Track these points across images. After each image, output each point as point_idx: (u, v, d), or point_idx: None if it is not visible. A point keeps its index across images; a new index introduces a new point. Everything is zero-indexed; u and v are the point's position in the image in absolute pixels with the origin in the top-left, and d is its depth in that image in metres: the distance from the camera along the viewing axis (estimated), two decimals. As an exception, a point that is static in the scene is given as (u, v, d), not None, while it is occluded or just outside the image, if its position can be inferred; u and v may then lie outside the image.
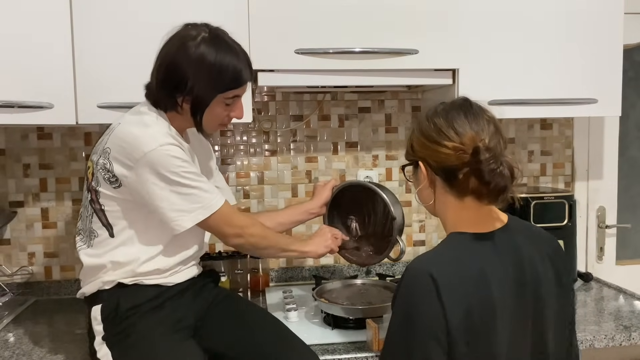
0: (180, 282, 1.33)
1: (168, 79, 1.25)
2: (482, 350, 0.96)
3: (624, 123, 2.27)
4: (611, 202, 2.24)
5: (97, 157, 1.26)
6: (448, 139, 1.01)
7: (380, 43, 1.64)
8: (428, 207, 1.12)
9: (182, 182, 1.22)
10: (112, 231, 1.28)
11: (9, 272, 1.90)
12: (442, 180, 1.05)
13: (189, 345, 1.28)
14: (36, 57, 1.50)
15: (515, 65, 1.74)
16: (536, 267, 1.04)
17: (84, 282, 1.32)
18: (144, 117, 1.26)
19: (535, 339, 1.03)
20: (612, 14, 1.78)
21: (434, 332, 0.94)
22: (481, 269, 0.99)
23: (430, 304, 0.94)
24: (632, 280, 2.08)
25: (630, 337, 1.50)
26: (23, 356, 1.42)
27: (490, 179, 0.97)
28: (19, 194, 1.91)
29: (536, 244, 1.08)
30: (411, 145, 1.11)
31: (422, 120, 1.09)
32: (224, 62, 1.25)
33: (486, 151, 0.97)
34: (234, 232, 1.31)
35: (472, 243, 1.03)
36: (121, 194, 1.24)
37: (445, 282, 0.95)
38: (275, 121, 2.03)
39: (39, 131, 1.90)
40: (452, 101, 1.09)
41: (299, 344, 1.33)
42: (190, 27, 1.28)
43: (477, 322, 0.95)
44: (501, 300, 0.97)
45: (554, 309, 1.05)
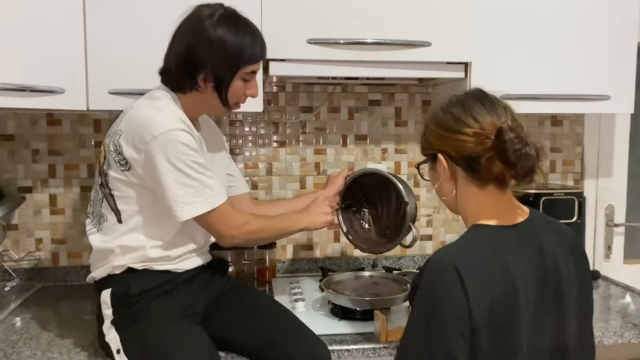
0: (189, 269, 1.33)
1: (188, 61, 1.25)
2: (504, 343, 0.95)
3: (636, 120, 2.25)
4: (620, 200, 2.23)
5: (109, 140, 1.26)
6: (467, 125, 1.00)
7: (392, 34, 1.63)
8: (449, 202, 1.10)
9: (186, 171, 1.21)
10: (120, 217, 1.28)
11: (17, 257, 1.90)
12: (463, 170, 1.03)
13: (197, 332, 1.28)
14: (48, 42, 1.49)
15: (528, 60, 1.73)
16: (558, 262, 1.02)
17: (94, 267, 1.32)
18: (158, 102, 1.26)
19: (555, 332, 1.02)
20: (627, 10, 1.77)
21: (458, 325, 0.92)
22: (505, 262, 0.97)
23: (454, 297, 0.92)
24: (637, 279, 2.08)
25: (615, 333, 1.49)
26: (31, 340, 1.42)
27: (515, 160, 0.95)
28: (27, 179, 1.91)
29: (558, 238, 1.07)
30: (427, 139, 1.10)
31: (437, 113, 1.09)
32: (242, 40, 1.27)
33: (510, 131, 0.96)
34: (229, 234, 1.29)
35: (495, 235, 1.02)
36: (130, 177, 1.24)
37: (469, 274, 0.93)
38: (284, 112, 2.03)
39: (48, 117, 1.90)
40: (466, 92, 1.08)
41: (308, 332, 1.33)
42: (204, 7, 1.29)
43: (500, 316, 0.94)
44: (525, 294, 0.96)
45: (574, 303, 1.04)
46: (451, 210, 1.13)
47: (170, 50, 1.29)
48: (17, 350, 1.36)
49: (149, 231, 1.28)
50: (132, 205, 1.27)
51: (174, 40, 1.29)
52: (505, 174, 0.99)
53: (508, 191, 1.04)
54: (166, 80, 1.30)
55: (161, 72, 1.32)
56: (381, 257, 2.08)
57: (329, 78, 1.89)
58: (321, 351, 1.29)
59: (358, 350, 1.38)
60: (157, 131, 1.19)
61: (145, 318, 1.24)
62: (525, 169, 0.96)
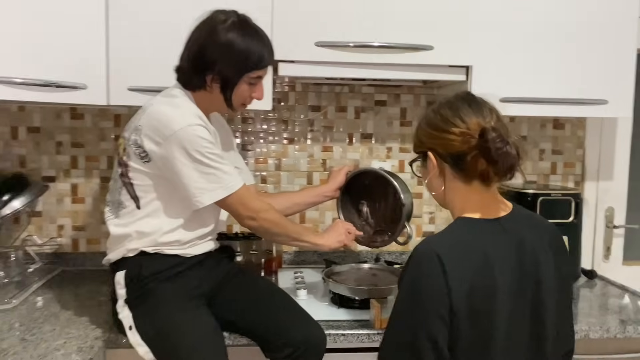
0: (198, 254, 1.43)
1: (199, 61, 1.35)
2: (482, 329, 1.02)
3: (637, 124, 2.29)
4: (620, 202, 2.28)
5: (129, 134, 1.36)
6: (455, 125, 1.08)
7: (397, 38, 1.71)
8: (438, 196, 1.18)
9: (205, 162, 1.31)
10: (138, 203, 1.38)
11: (39, 242, 2.02)
12: (450, 167, 1.11)
13: (203, 312, 1.37)
14: (73, 41, 1.60)
15: (528, 64, 1.79)
16: (537, 255, 1.09)
17: (110, 250, 1.42)
18: (175, 99, 1.37)
19: (533, 322, 1.08)
20: (626, 17, 1.82)
21: (438, 309, 1.00)
22: (485, 252, 1.04)
23: (435, 283, 1.00)
24: (637, 280, 2.12)
25: (625, 330, 1.55)
26: (51, 317, 1.54)
27: (497, 157, 1.03)
28: (51, 169, 2.03)
29: (538, 232, 1.13)
30: (419, 138, 1.18)
31: (428, 114, 1.17)
32: (250, 46, 1.36)
33: (492, 131, 1.03)
34: (248, 215, 1.39)
35: (478, 227, 1.09)
36: (150, 168, 1.34)
37: (450, 262, 1.01)
38: (294, 111, 2.12)
39: (72, 111, 2.02)
40: (455, 94, 1.15)
41: (306, 316, 1.42)
42: (219, 13, 1.39)
43: (478, 303, 1.01)
44: (502, 283, 1.03)
45: (553, 295, 1.10)
46: (440, 204, 1.20)
47: (184, 50, 1.39)
48: (38, 325, 1.47)
49: (163, 217, 1.38)
50: (149, 193, 1.37)
51: (188, 41, 1.39)
52: (489, 170, 1.07)
53: (493, 187, 1.12)
54: (180, 78, 1.40)
55: (176, 69, 1.41)
56: (384, 252, 2.16)
57: (337, 79, 1.97)
58: (317, 334, 1.39)
59: (353, 335, 1.47)
60: (177, 126, 1.29)
61: (155, 298, 1.34)
62: (506, 166, 1.04)
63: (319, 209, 2.09)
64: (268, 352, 1.37)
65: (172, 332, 1.30)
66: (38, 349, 1.32)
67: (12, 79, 1.50)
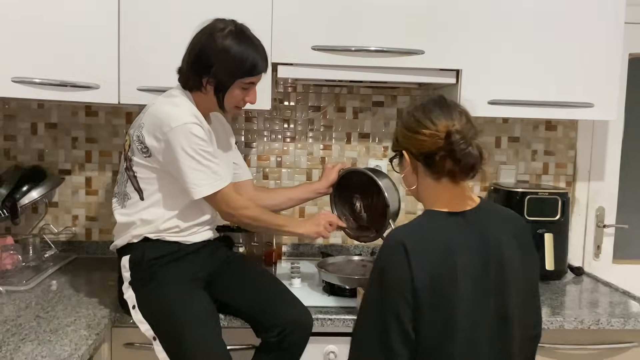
0: (197, 242, 1.55)
1: (196, 63, 1.46)
2: (444, 313, 1.12)
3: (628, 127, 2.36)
4: (611, 202, 2.35)
5: (134, 131, 1.49)
6: (425, 127, 1.18)
7: (389, 43, 1.81)
8: (412, 191, 1.28)
9: (197, 159, 1.42)
10: (142, 195, 1.50)
11: (55, 230, 2.16)
12: (422, 165, 1.21)
13: (200, 294, 1.49)
14: (87, 44, 1.73)
15: (516, 68, 1.88)
16: (501, 245, 1.18)
17: (117, 237, 1.55)
18: (175, 99, 1.49)
19: (498, 305, 1.16)
20: (613, 22, 1.90)
21: (402, 291, 1.10)
22: (448, 242, 1.14)
23: (400, 268, 1.11)
24: (626, 279, 2.17)
25: (599, 322, 1.63)
26: (63, 298, 1.67)
27: (460, 157, 1.13)
28: (67, 163, 2.18)
29: (504, 224, 1.23)
30: (396, 138, 1.28)
31: (404, 115, 1.26)
32: (244, 54, 1.46)
33: (457, 133, 1.14)
34: (228, 212, 1.51)
35: (443, 219, 1.19)
36: (150, 162, 1.46)
37: (414, 250, 1.11)
38: (295, 110, 2.23)
39: (87, 109, 2.16)
40: (430, 98, 1.25)
41: (296, 301, 1.53)
42: (218, 21, 1.50)
43: (439, 288, 1.11)
44: (464, 271, 1.13)
45: (518, 280, 1.19)
46: (415, 198, 1.31)
47: (185, 53, 1.51)
48: (52, 305, 1.60)
49: (165, 206, 1.50)
50: (151, 185, 1.49)
51: (189, 45, 1.51)
52: (456, 169, 1.16)
53: (461, 184, 1.21)
54: (180, 79, 1.52)
55: (178, 70, 1.54)
56: (378, 245, 2.25)
57: (336, 80, 2.08)
58: (305, 317, 1.50)
59: (339, 320, 1.58)
60: (174, 124, 1.41)
61: (157, 280, 1.47)
62: (467, 165, 1.14)
63: (317, 203, 2.19)
64: (259, 333, 1.49)
65: (171, 311, 1.42)
66: (51, 324, 1.45)
67: (32, 79, 1.63)
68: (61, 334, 1.39)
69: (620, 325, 1.63)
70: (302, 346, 1.49)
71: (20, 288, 1.72)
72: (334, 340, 1.61)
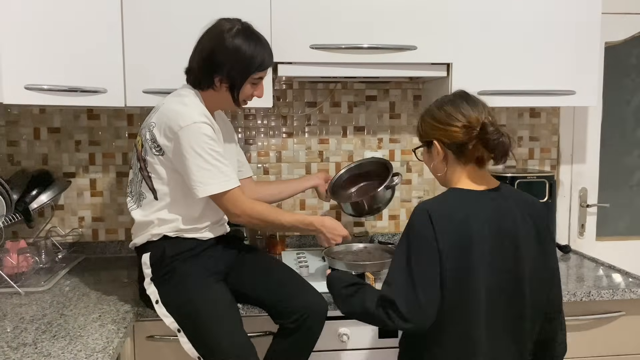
0: (213, 237, 1.62)
1: (209, 64, 1.54)
2: (462, 275, 1.25)
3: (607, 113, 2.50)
4: (593, 183, 2.49)
5: (145, 131, 1.55)
6: (457, 120, 1.31)
7: (383, 40, 1.90)
8: (441, 178, 1.41)
9: (205, 157, 1.48)
10: (156, 195, 1.56)
11: (62, 233, 2.21)
12: (453, 153, 1.34)
13: (220, 286, 1.57)
14: (93, 50, 1.79)
15: (503, 60, 1.99)
16: (516, 221, 1.30)
17: (135, 235, 1.61)
18: (184, 99, 1.55)
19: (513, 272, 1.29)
20: (590, 14, 2.02)
21: (429, 247, 1.25)
22: (468, 213, 1.28)
23: (426, 231, 1.25)
24: (609, 254, 2.31)
25: (590, 294, 1.76)
26: (83, 296, 1.73)
27: (494, 146, 1.27)
28: (71, 166, 2.22)
29: (521, 205, 1.35)
30: (424, 130, 1.39)
31: (432, 109, 1.38)
32: (254, 51, 1.55)
33: (490, 125, 1.28)
34: (235, 212, 1.54)
35: (465, 194, 1.33)
36: (163, 162, 1.52)
37: (436, 217, 1.26)
38: (292, 107, 2.31)
39: (88, 112, 2.21)
40: (454, 93, 1.38)
41: (310, 287, 1.62)
42: (225, 21, 1.58)
43: (458, 253, 1.25)
44: (479, 238, 1.26)
45: (531, 260, 1.30)
46: (442, 184, 1.42)
47: (194, 53, 1.58)
48: (74, 303, 1.67)
49: (180, 206, 1.56)
50: (165, 185, 1.55)
51: (198, 46, 1.58)
52: (485, 155, 1.31)
53: (485, 168, 1.36)
54: (189, 78, 1.59)
55: (186, 71, 1.60)
56: (377, 233, 2.36)
57: (331, 77, 2.16)
58: (320, 303, 1.58)
59: (351, 303, 1.68)
60: (184, 123, 1.48)
61: (178, 275, 1.54)
62: (501, 153, 1.28)
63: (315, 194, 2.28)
64: (277, 319, 1.57)
65: (193, 304, 1.50)
66: (77, 321, 1.51)
67: (40, 86, 1.68)
68: (90, 329, 1.46)
69: (609, 296, 1.77)
70: (319, 330, 1.58)
71: (39, 289, 1.77)
72: (345, 323, 1.70)
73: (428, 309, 1.24)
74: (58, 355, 1.29)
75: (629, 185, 2.60)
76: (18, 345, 1.35)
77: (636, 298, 1.79)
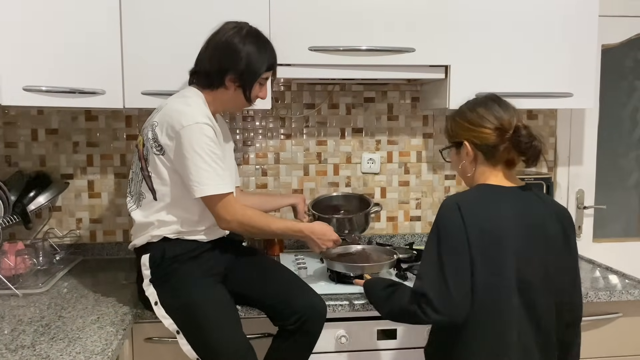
0: (213, 239, 1.62)
1: (221, 67, 1.56)
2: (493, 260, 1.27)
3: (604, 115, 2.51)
4: (590, 185, 2.50)
5: (147, 131, 1.55)
6: (490, 122, 1.33)
7: (382, 42, 1.91)
8: (468, 178, 1.42)
9: (204, 158, 1.48)
10: (155, 195, 1.56)
11: (60, 234, 2.20)
12: (483, 155, 1.36)
13: (219, 288, 1.57)
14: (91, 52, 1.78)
15: (501, 62, 1.99)
16: (544, 219, 1.32)
17: (135, 236, 1.61)
18: (188, 99, 1.56)
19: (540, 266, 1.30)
20: (588, 17, 2.03)
21: (459, 240, 1.27)
22: (496, 207, 1.30)
23: (456, 223, 1.28)
24: (606, 256, 2.32)
25: (587, 295, 1.77)
26: (81, 298, 1.73)
27: (527, 150, 1.30)
28: (69, 167, 2.22)
29: (547, 204, 1.37)
30: (454, 131, 1.41)
31: (464, 110, 1.41)
32: (263, 54, 1.59)
33: (523, 129, 1.30)
34: (226, 219, 1.53)
35: (492, 190, 1.34)
36: (164, 162, 1.52)
37: (466, 210, 1.28)
38: (290, 109, 2.31)
39: (86, 114, 2.21)
40: (485, 96, 1.41)
41: (309, 289, 1.62)
42: (232, 24, 1.60)
43: (487, 240, 1.27)
44: (507, 233, 1.28)
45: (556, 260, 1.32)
46: (468, 185, 1.44)
47: (204, 56, 1.59)
48: (72, 304, 1.66)
49: (179, 208, 1.56)
50: (164, 186, 1.55)
51: (207, 49, 1.59)
52: (515, 158, 1.34)
53: (513, 170, 1.38)
54: (197, 80, 1.60)
55: (193, 72, 1.61)
56: (376, 234, 2.37)
57: (329, 79, 2.17)
58: (320, 304, 1.59)
59: (349, 305, 1.68)
60: (186, 122, 1.48)
61: (177, 277, 1.54)
62: (534, 156, 1.31)
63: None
64: (276, 321, 1.57)
65: (192, 305, 1.50)
66: (76, 323, 1.51)
67: (39, 87, 1.67)
68: (88, 331, 1.45)
69: (606, 297, 1.77)
70: (318, 332, 1.58)
71: (37, 291, 1.77)
72: (344, 325, 1.71)
73: (460, 301, 1.26)
74: (57, 358, 1.29)
75: (626, 187, 2.62)
76: (16, 348, 1.34)
77: (633, 299, 1.80)
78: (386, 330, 1.73)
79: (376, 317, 1.69)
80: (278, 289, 1.60)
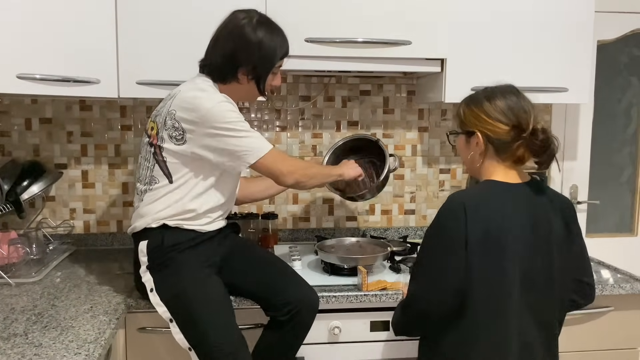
0: (211, 230, 1.61)
1: (233, 60, 1.54)
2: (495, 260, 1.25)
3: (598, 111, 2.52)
4: (583, 180, 2.51)
5: (162, 119, 1.52)
6: (508, 119, 1.30)
7: (378, 34, 1.90)
8: (474, 170, 1.39)
9: (240, 129, 1.49)
10: (171, 179, 1.54)
11: (54, 224, 2.19)
12: (493, 148, 1.32)
13: (214, 278, 1.56)
14: (86, 40, 1.77)
15: (497, 56, 2.00)
16: (548, 213, 1.31)
17: (135, 220, 1.59)
18: (200, 85, 1.54)
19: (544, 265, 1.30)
20: (584, 12, 2.03)
21: (458, 239, 1.24)
22: (501, 204, 1.28)
23: (456, 224, 1.25)
24: (598, 251, 2.33)
25: (580, 288, 1.78)
26: (74, 287, 1.72)
27: (542, 152, 1.29)
28: (62, 157, 2.21)
29: (551, 198, 1.36)
30: (468, 119, 1.36)
31: (481, 99, 1.35)
32: (275, 43, 1.57)
33: (542, 133, 1.28)
34: (289, 170, 1.56)
35: (498, 187, 1.32)
36: (183, 149, 1.50)
37: (472, 209, 1.25)
38: (286, 101, 2.31)
39: (81, 103, 2.19)
40: (505, 87, 1.36)
41: (302, 280, 1.62)
42: (242, 12, 1.58)
43: (490, 241, 1.25)
44: (511, 232, 1.26)
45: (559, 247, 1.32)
46: (472, 175, 1.43)
47: (214, 48, 1.56)
48: (65, 294, 1.66)
49: (190, 193, 1.54)
50: (180, 171, 1.53)
51: (217, 41, 1.56)
52: (525, 156, 1.31)
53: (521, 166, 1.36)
54: (209, 72, 1.58)
55: (203, 64, 1.59)
56: (369, 227, 2.37)
57: (325, 71, 2.16)
58: (312, 296, 1.59)
59: (343, 296, 1.68)
60: (209, 104, 1.47)
61: (174, 265, 1.53)
62: (548, 160, 1.30)
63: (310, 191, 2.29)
64: (269, 311, 1.58)
65: (187, 294, 1.49)
66: (69, 312, 1.51)
67: (33, 75, 1.66)
68: (81, 320, 1.45)
69: (598, 291, 1.76)
70: (310, 323, 1.58)
71: (29, 280, 1.76)
72: (337, 316, 1.71)
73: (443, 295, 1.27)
74: (49, 346, 1.29)
75: (619, 182, 2.63)
76: (9, 336, 1.34)
77: (625, 293, 1.81)
78: (380, 322, 1.73)
79: (370, 308, 1.71)
80: (271, 279, 1.60)
